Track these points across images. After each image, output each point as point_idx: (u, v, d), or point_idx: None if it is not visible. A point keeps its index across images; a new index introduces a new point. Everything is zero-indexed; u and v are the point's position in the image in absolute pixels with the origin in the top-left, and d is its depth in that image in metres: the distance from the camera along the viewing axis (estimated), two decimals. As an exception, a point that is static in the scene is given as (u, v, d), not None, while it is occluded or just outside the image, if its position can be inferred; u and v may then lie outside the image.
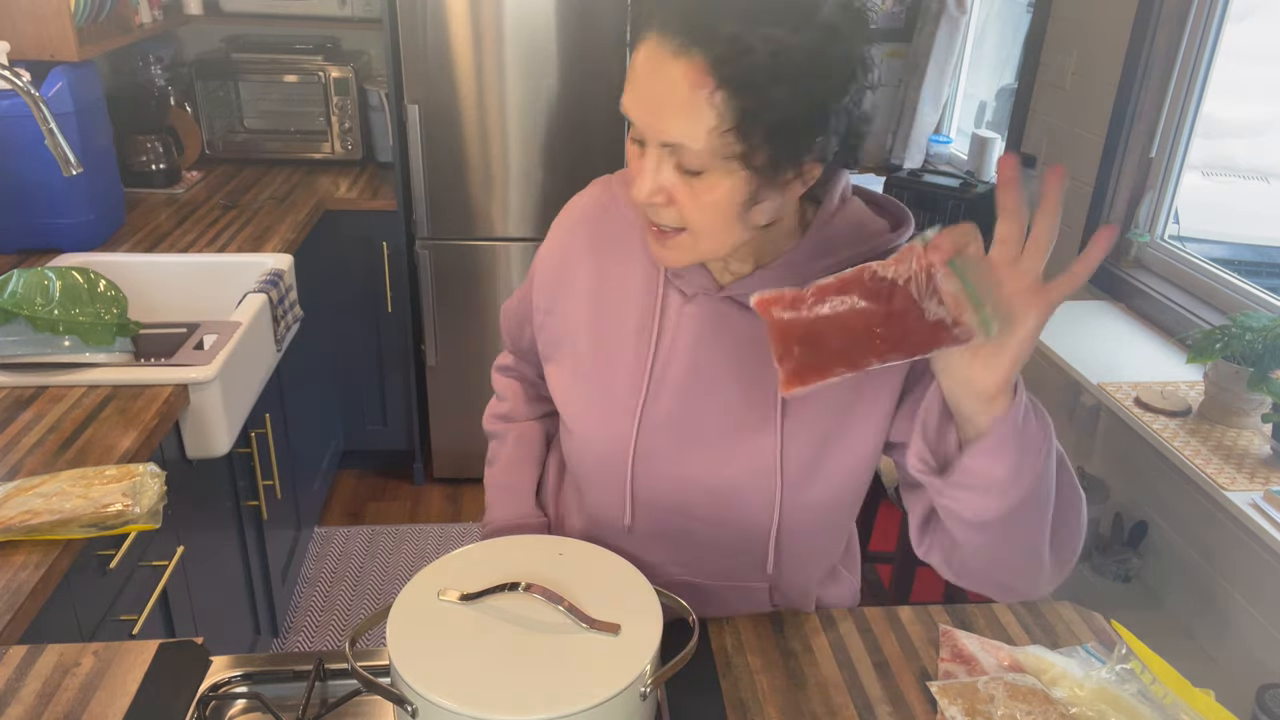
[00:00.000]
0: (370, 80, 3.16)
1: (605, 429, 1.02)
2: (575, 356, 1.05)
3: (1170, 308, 2.17)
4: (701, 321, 0.99)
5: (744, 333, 0.98)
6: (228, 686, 0.97)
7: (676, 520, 1.04)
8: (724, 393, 0.99)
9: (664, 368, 1.00)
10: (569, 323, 1.06)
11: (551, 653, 0.84)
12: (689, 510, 1.03)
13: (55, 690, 0.94)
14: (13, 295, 1.61)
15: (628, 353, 1.01)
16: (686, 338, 0.99)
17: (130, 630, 1.43)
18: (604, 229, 1.06)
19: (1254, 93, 2.31)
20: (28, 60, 2.08)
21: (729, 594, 1.10)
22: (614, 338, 1.03)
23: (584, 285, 1.05)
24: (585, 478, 1.08)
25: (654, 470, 1.02)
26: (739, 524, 1.02)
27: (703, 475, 1.01)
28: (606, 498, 1.06)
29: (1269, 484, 1.62)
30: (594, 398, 1.03)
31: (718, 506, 1.02)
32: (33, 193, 2.11)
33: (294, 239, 2.45)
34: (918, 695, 0.99)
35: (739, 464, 0.99)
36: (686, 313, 1.00)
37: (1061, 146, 2.58)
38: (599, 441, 1.03)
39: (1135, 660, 1.00)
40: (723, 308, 0.98)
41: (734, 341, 0.98)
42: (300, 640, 2.47)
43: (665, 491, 1.02)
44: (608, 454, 1.03)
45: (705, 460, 1.00)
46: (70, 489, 1.26)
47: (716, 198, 0.84)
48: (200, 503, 1.80)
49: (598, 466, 1.05)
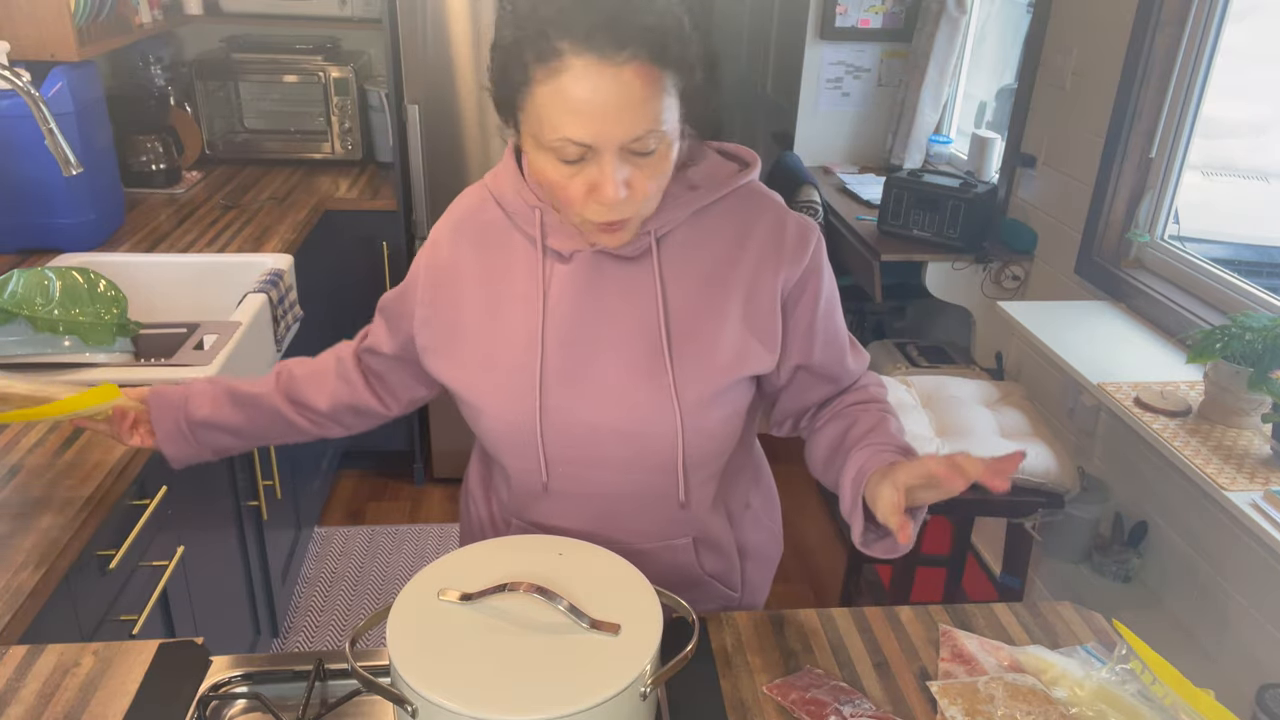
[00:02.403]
0: (370, 80, 3.16)
1: (510, 398, 1.06)
2: (469, 341, 1.08)
3: (1170, 308, 2.16)
4: (579, 278, 1.04)
5: (622, 280, 1.04)
6: (228, 686, 0.97)
7: (589, 473, 1.08)
8: (614, 339, 1.04)
9: (554, 328, 1.04)
10: (459, 314, 1.09)
11: (551, 653, 0.84)
12: (599, 460, 1.07)
13: (55, 690, 0.94)
14: (13, 295, 1.61)
15: (518, 323, 1.05)
16: (570, 295, 1.04)
17: (130, 630, 1.43)
18: (483, 226, 1.10)
19: (1254, 93, 2.31)
20: (28, 60, 2.08)
21: (658, 555, 1.14)
22: (504, 313, 1.07)
23: (471, 278, 1.09)
24: (502, 453, 1.11)
25: (562, 425, 1.05)
26: (647, 462, 1.07)
27: (607, 420, 1.05)
28: (523, 464, 1.09)
29: (1269, 484, 1.62)
30: (494, 371, 1.06)
31: (626, 449, 1.06)
32: (33, 193, 2.11)
33: (294, 239, 2.45)
34: (918, 695, 0.99)
35: (639, 404, 1.04)
36: (566, 273, 1.04)
37: (1061, 146, 2.58)
38: (507, 411, 1.06)
39: (1135, 660, 1.00)
40: (598, 261, 1.04)
41: (615, 290, 1.04)
42: (300, 640, 2.47)
43: (575, 444, 1.06)
44: (516, 421, 1.06)
45: (607, 406, 1.04)
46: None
47: (666, 166, 0.93)
48: (200, 503, 1.80)
49: (510, 436, 1.08)
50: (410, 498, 3.14)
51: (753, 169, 1.07)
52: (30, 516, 1.26)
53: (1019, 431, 2.14)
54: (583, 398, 1.04)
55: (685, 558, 1.16)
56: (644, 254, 1.04)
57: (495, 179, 1.10)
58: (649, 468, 1.07)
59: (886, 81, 3.52)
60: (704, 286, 1.04)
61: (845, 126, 3.63)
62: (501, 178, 1.08)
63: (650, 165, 0.91)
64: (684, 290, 1.04)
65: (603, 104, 0.86)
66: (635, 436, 1.05)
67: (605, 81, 0.85)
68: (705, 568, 1.18)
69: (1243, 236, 2.47)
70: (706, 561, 1.18)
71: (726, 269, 1.04)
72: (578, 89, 0.85)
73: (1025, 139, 2.75)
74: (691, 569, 1.17)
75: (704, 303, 1.04)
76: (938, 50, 3.22)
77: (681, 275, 1.04)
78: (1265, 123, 2.36)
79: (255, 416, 1.19)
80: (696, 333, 1.04)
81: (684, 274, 1.04)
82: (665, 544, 1.14)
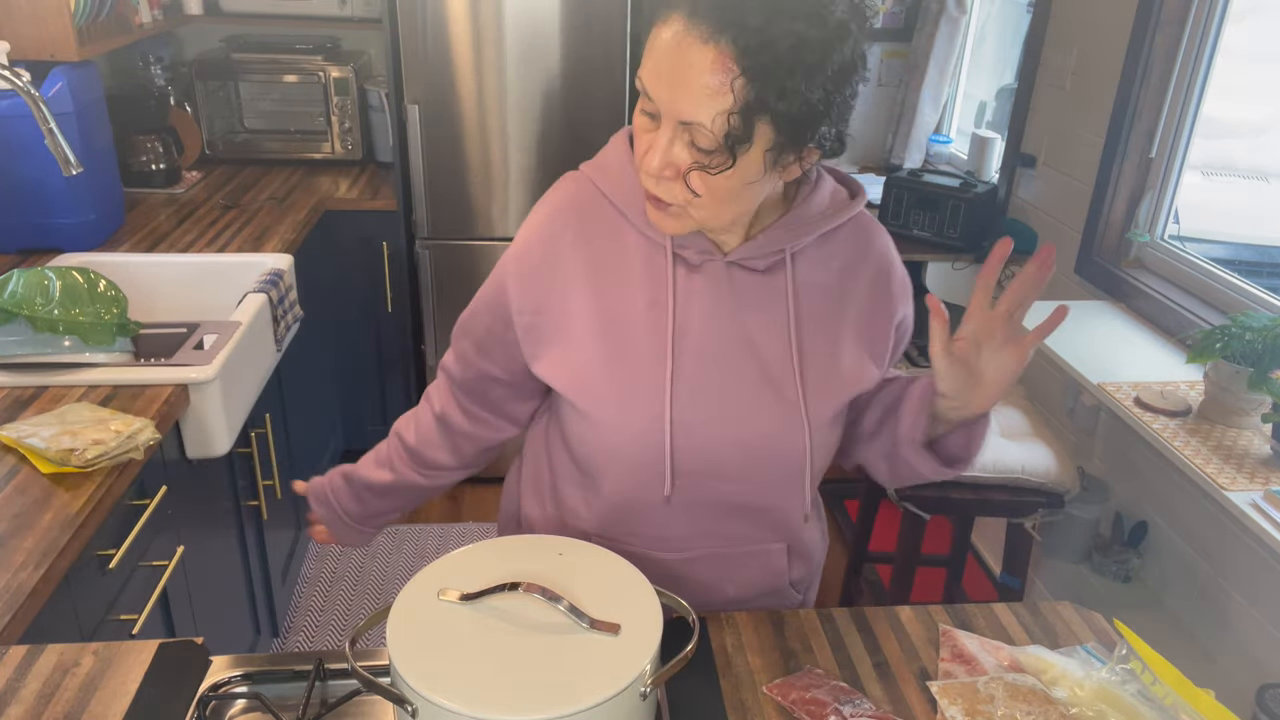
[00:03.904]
0: (370, 80, 3.16)
1: (635, 409, 1.03)
2: (582, 346, 1.04)
3: (1170, 308, 2.17)
4: (711, 288, 1.03)
5: (751, 293, 1.04)
6: (228, 686, 0.97)
7: (711, 484, 1.07)
8: (743, 352, 1.03)
9: (682, 338, 1.03)
10: (567, 317, 1.05)
11: (551, 653, 0.84)
12: (723, 471, 1.06)
13: (55, 690, 0.94)
14: (13, 295, 1.61)
15: (642, 330, 1.03)
16: (700, 305, 1.03)
17: (130, 630, 1.43)
18: (588, 219, 1.06)
19: (1254, 93, 2.31)
20: (28, 60, 2.08)
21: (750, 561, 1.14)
22: (624, 319, 1.03)
23: (578, 277, 1.04)
24: (612, 461, 1.07)
25: (688, 436, 1.04)
26: (770, 475, 1.07)
27: (735, 434, 1.04)
28: (639, 476, 1.06)
29: (1269, 484, 1.62)
30: (616, 380, 1.03)
31: (750, 462, 1.05)
32: (33, 193, 2.11)
33: (294, 239, 2.45)
34: (918, 695, 0.99)
35: (768, 418, 1.03)
36: (695, 282, 1.03)
37: (1061, 146, 2.58)
38: (630, 421, 1.04)
39: (1135, 660, 1.00)
40: (730, 273, 1.03)
41: (743, 302, 1.03)
42: (300, 640, 2.47)
43: (700, 456, 1.04)
44: (640, 432, 1.03)
45: (737, 420, 1.03)
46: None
47: (721, 178, 0.90)
48: (200, 503, 1.80)
49: (629, 446, 1.05)
50: (410, 498, 3.13)
51: (863, 197, 1.08)
52: (30, 516, 1.26)
53: (1019, 431, 2.14)
54: (710, 409, 1.03)
55: (780, 564, 1.16)
56: (776, 268, 1.04)
57: (602, 171, 1.06)
58: (771, 481, 1.08)
59: (886, 81, 3.52)
60: (829, 305, 1.06)
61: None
62: (612, 170, 1.05)
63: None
64: (811, 307, 1.05)
65: (673, 70, 0.86)
66: (761, 450, 1.05)
67: (686, 50, 0.85)
68: (793, 575, 1.19)
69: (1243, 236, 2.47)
70: (795, 569, 1.19)
71: (847, 290, 1.07)
72: (665, 45, 0.87)
73: (1025, 139, 2.75)
74: (782, 576, 1.17)
75: (830, 320, 1.06)
76: (938, 50, 3.22)
77: (809, 293, 1.05)
78: (1265, 123, 2.36)
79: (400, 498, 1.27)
80: (822, 349, 1.05)
81: (811, 291, 1.05)
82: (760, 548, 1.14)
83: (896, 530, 2.18)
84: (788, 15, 0.83)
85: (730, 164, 0.89)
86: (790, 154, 0.91)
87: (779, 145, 0.89)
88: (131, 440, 1.41)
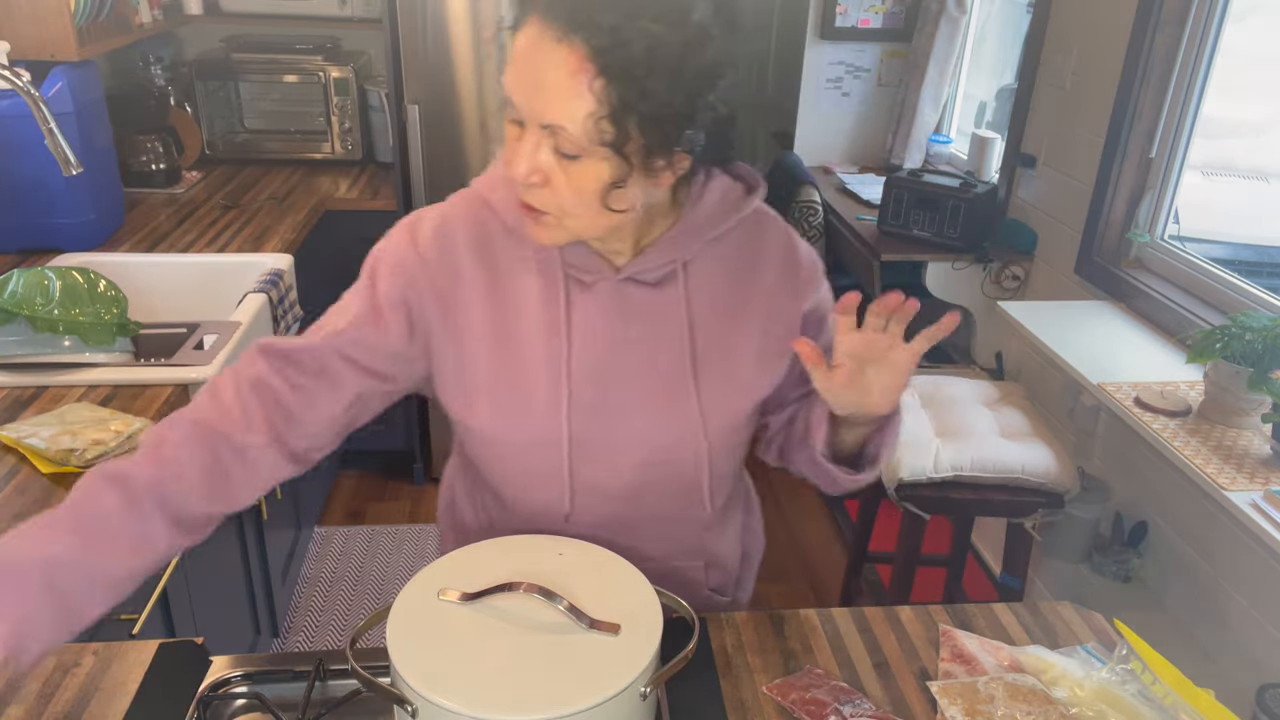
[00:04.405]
0: (370, 80, 3.16)
1: (532, 432, 1.03)
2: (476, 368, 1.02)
3: (1170, 308, 2.16)
4: (604, 306, 1.02)
5: (644, 308, 1.03)
6: (228, 686, 0.97)
7: (612, 504, 1.07)
8: (639, 368, 1.03)
9: (579, 357, 1.02)
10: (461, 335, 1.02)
11: (551, 653, 0.84)
12: (623, 487, 1.06)
13: (55, 690, 0.94)
14: (13, 295, 1.61)
15: (539, 352, 1.02)
16: (594, 325, 1.02)
17: (130, 630, 1.43)
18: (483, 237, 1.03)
19: (1254, 93, 2.31)
20: (28, 60, 2.08)
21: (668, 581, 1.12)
22: (522, 340, 1.02)
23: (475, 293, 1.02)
24: (513, 481, 1.08)
25: (587, 456, 1.04)
26: (671, 486, 1.07)
27: (633, 451, 1.04)
28: (541, 495, 1.07)
29: (1269, 484, 1.62)
30: (515, 407, 1.02)
31: (649, 477, 1.06)
32: (33, 193, 2.11)
33: (294, 239, 2.45)
34: (918, 695, 0.99)
35: (665, 433, 1.04)
36: (589, 300, 1.02)
37: (1061, 146, 2.58)
38: (528, 445, 1.04)
39: (1136, 660, 1.00)
40: (622, 289, 1.02)
41: (637, 318, 1.03)
42: (300, 640, 2.47)
43: (600, 474, 1.05)
44: (539, 455, 1.04)
45: (634, 437, 1.04)
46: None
47: (588, 183, 0.88)
48: (200, 503, 1.80)
49: (530, 467, 1.05)
50: (410, 497, 3.14)
51: (759, 192, 1.06)
52: (30, 516, 1.25)
53: (1019, 431, 2.14)
54: (610, 427, 1.03)
55: (695, 576, 1.17)
56: (668, 280, 1.03)
57: (492, 189, 1.03)
58: (672, 492, 1.08)
59: (886, 81, 3.52)
60: (726, 311, 1.05)
61: (845, 126, 3.64)
62: (500, 186, 1.02)
63: (572, 171, 0.88)
64: (707, 316, 1.04)
65: (531, 72, 0.85)
66: (661, 464, 1.05)
67: (542, 52, 0.84)
68: (710, 583, 1.19)
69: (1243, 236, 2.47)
70: (712, 578, 1.19)
71: (745, 293, 1.05)
72: (523, 49, 0.86)
73: (1025, 139, 2.75)
74: (699, 588, 1.18)
75: (726, 327, 1.05)
76: (938, 50, 3.22)
77: (704, 301, 1.04)
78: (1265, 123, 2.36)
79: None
80: (721, 358, 1.04)
81: (706, 299, 1.04)
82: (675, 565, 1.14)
83: (896, 530, 2.18)
84: (643, 16, 0.82)
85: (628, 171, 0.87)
86: (657, 159, 0.88)
87: (644, 149, 0.87)
88: (131, 440, 1.41)
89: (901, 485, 2.04)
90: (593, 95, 0.83)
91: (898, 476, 2.03)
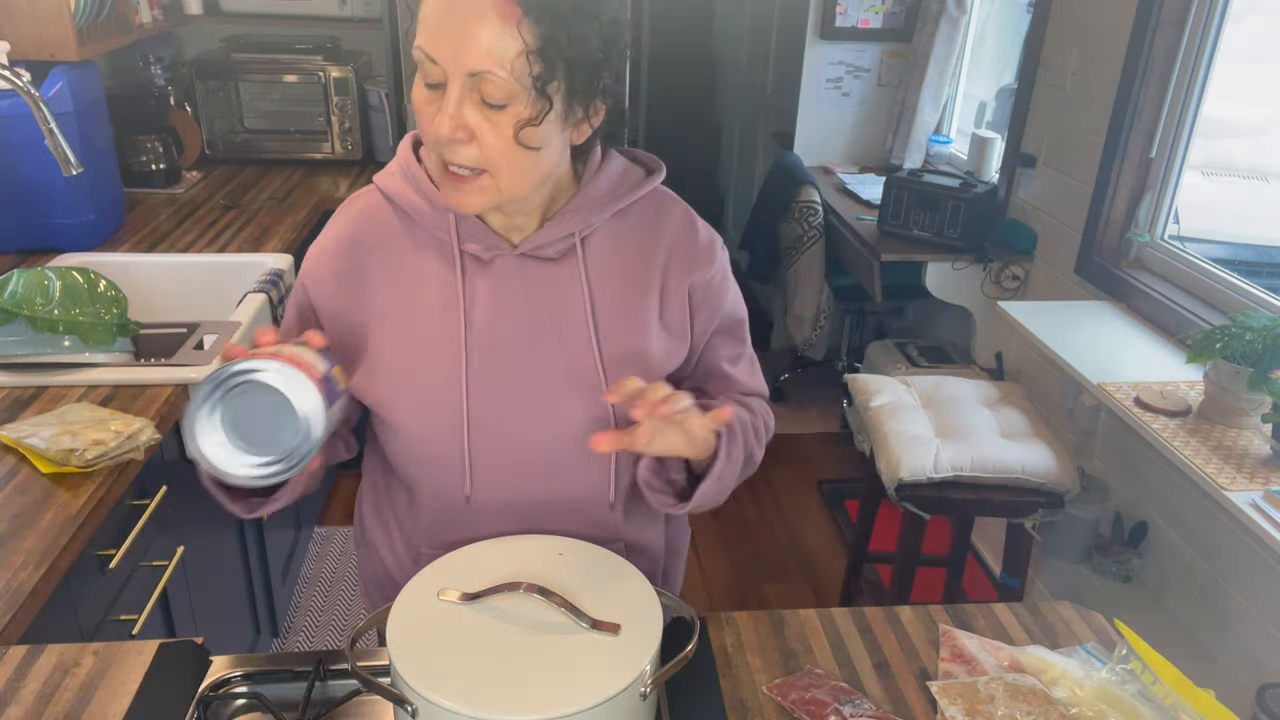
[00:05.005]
0: (370, 80, 3.16)
1: (434, 412, 1.03)
2: (381, 353, 1.03)
3: (1170, 308, 2.17)
4: (501, 282, 1.02)
5: (544, 284, 1.03)
6: (228, 686, 0.97)
7: (516, 481, 1.06)
8: (541, 343, 1.02)
9: (478, 335, 1.02)
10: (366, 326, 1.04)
11: (551, 653, 0.84)
12: (527, 467, 1.05)
13: (55, 690, 0.94)
14: (13, 295, 1.61)
15: (437, 331, 1.02)
16: (492, 301, 1.02)
17: (130, 630, 1.43)
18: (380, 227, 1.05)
19: (1254, 93, 2.31)
20: (28, 60, 2.08)
21: None
22: (420, 321, 1.03)
23: (375, 284, 1.04)
24: (420, 466, 1.07)
25: (489, 434, 1.03)
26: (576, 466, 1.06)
27: (537, 427, 1.03)
28: (444, 478, 1.06)
29: (1269, 484, 1.62)
30: (414, 386, 1.03)
31: (554, 455, 1.05)
32: (33, 193, 2.11)
33: (294, 239, 2.45)
34: (918, 695, 0.99)
35: (571, 410, 1.03)
36: (486, 277, 1.02)
37: (1061, 146, 2.58)
38: (430, 423, 1.03)
39: (1136, 660, 1.00)
40: (521, 265, 1.02)
41: (539, 296, 1.02)
42: (300, 640, 2.47)
43: (503, 452, 1.04)
44: (439, 433, 1.03)
45: (537, 412, 1.03)
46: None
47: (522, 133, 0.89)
48: (200, 503, 1.79)
49: (432, 449, 1.05)
50: (410, 498, 3.13)
51: (659, 173, 1.08)
52: (30, 516, 1.26)
53: (1019, 431, 2.14)
54: (511, 405, 1.02)
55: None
56: (567, 255, 1.03)
57: (389, 180, 1.06)
58: (578, 472, 1.07)
59: (886, 81, 3.52)
60: (626, 288, 1.04)
61: (845, 126, 3.64)
62: (397, 178, 1.05)
63: (499, 120, 0.89)
64: (608, 292, 1.04)
65: (457, 20, 0.86)
66: (567, 441, 1.04)
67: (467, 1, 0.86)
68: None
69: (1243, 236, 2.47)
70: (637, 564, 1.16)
71: (644, 270, 1.05)
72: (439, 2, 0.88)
73: (1025, 139, 2.75)
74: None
75: (628, 304, 1.04)
76: (938, 50, 3.22)
77: (604, 277, 1.04)
78: (1265, 123, 2.36)
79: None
80: (624, 333, 1.04)
81: (607, 276, 1.04)
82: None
83: (896, 530, 2.18)
84: None
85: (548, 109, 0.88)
86: (579, 107, 0.92)
87: (569, 93, 0.90)
88: (132, 440, 1.41)
89: (901, 485, 2.04)
90: (521, 36, 0.85)
91: (898, 476, 2.03)
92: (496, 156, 0.91)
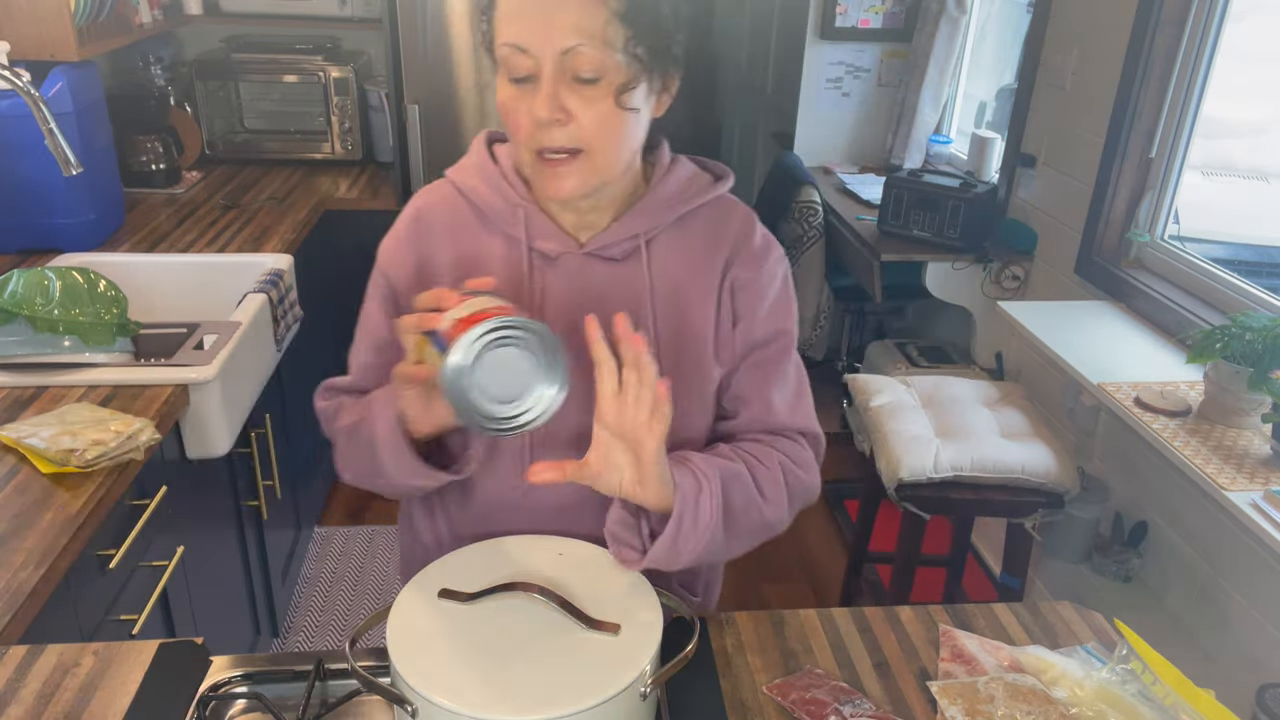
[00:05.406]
0: (370, 80, 3.16)
1: None
2: None
3: (1170, 308, 2.17)
4: (568, 280, 1.03)
5: (612, 282, 1.04)
6: (228, 686, 0.97)
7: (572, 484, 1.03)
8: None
9: None
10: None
11: (551, 653, 0.84)
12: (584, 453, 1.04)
13: (55, 690, 0.94)
14: (13, 295, 1.61)
15: None
16: (558, 298, 1.03)
17: (130, 630, 1.43)
18: (451, 221, 1.07)
19: (1254, 93, 2.31)
20: (28, 60, 2.08)
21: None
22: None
23: (443, 278, 1.05)
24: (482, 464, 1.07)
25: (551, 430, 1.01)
26: None
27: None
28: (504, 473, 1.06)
29: (1269, 484, 1.62)
30: None
31: None
32: (33, 193, 2.11)
33: (294, 239, 2.45)
34: (918, 695, 0.99)
35: None
36: (553, 274, 1.03)
37: (1061, 146, 2.58)
38: None
39: (1136, 660, 1.00)
40: (586, 264, 1.03)
41: (605, 293, 1.03)
42: (300, 640, 2.47)
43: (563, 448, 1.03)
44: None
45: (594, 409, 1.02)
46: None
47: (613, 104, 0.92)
48: (200, 503, 1.80)
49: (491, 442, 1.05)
50: (410, 498, 3.13)
51: (727, 181, 1.09)
52: (30, 516, 1.26)
53: (1019, 431, 2.14)
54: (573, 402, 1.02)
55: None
56: (632, 256, 1.04)
57: (463, 174, 1.08)
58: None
59: (886, 81, 3.52)
60: (687, 289, 1.05)
61: (845, 126, 3.64)
62: (470, 172, 1.07)
63: (594, 97, 0.91)
64: (670, 292, 1.05)
65: (535, 3, 0.89)
66: None
67: None
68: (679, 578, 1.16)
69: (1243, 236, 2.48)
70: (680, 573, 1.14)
71: (706, 274, 1.06)
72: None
73: (1025, 139, 2.75)
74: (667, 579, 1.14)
75: (688, 304, 1.05)
76: (938, 50, 3.22)
77: (668, 278, 1.05)
78: (1265, 123, 2.36)
79: None
80: (685, 333, 1.05)
81: (670, 277, 1.05)
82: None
83: (896, 530, 2.18)
84: None
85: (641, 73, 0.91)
86: (658, 76, 0.95)
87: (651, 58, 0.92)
88: (131, 440, 1.41)
89: (901, 485, 2.04)
90: (606, 4, 0.88)
91: (898, 476, 2.03)
92: (592, 133, 0.93)
